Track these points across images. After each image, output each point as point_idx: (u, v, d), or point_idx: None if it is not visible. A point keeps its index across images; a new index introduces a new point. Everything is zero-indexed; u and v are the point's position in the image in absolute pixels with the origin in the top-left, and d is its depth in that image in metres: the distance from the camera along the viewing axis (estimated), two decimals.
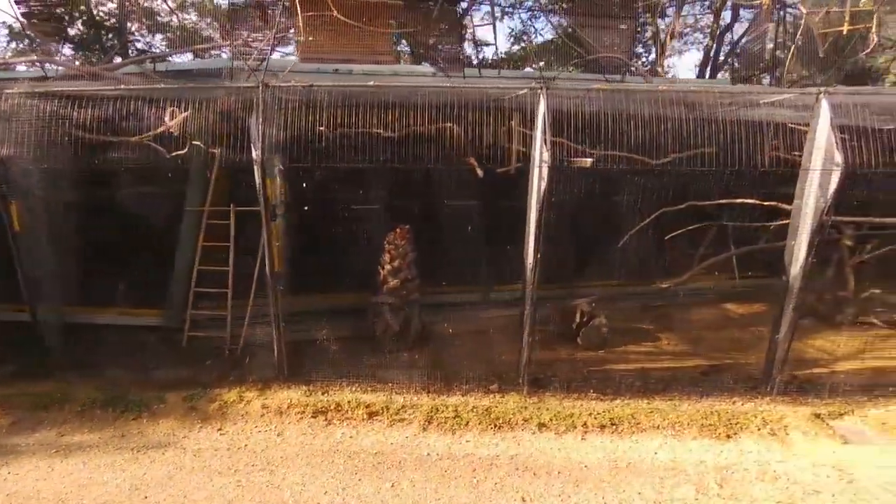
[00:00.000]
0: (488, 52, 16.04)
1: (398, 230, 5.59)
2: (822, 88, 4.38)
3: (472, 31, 15.66)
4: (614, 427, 4.71)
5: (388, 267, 5.54)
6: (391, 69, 7.84)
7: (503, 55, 16.21)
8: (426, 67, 7.22)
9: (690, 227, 5.24)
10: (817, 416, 4.91)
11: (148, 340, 5.70)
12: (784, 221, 4.62)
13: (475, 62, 15.63)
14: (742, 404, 5.03)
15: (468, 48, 15.93)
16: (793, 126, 4.79)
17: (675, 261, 6.27)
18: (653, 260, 6.11)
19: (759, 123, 4.73)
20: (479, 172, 5.42)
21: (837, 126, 4.30)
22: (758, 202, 4.85)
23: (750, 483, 4.03)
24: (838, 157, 4.21)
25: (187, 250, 5.70)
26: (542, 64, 12.37)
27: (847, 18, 6.31)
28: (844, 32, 6.32)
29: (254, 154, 4.32)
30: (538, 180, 4.41)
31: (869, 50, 6.50)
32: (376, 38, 6.18)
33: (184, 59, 8.91)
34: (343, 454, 4.33)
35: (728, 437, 4.60)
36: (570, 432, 4.65)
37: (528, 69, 14.28)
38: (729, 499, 3.87)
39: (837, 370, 5.51)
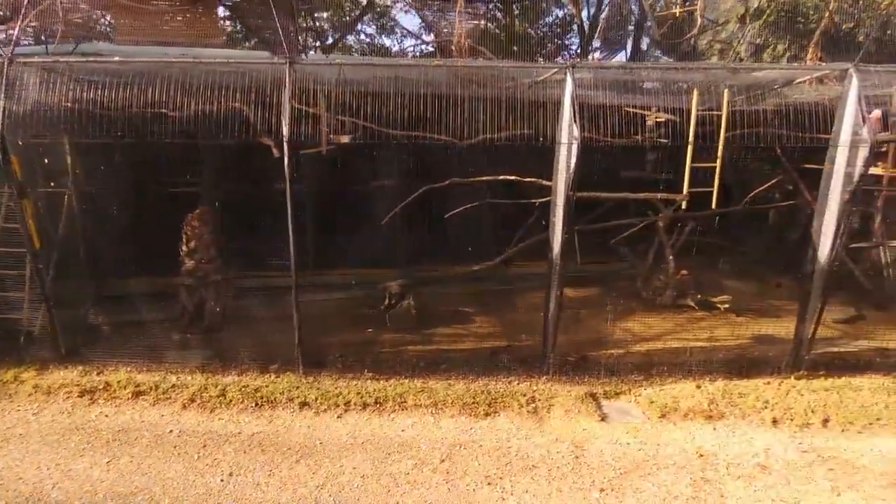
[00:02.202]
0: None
1: (196, 212, 5.54)
2: (569, 63, 4.35)
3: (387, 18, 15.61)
4: (378, 405, 4.69)
5: (184, 248, 5.50)
6: (244, 54, 7.81)
7: (431, 47, 16.18)
8: (264, 53, 7.17)
9: (466, 206, 5.20)
10: (592, 395, 4.89)
11: None
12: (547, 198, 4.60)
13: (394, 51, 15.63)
14: (518, 384, 5.01)
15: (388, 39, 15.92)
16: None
17: (501, 245, 6.22)
18: (475, 243, 6.06)
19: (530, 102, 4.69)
20: (276, 153, 5.37)
21: (579, 102, 4.28)
22: (518, 178, 4.81)
23: (473, 458, 4.01)
24: (576, 131, 4.19)
25: None
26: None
27: (679, 1, 6.32)
28: (678, 14, 6.32)
29: None
30: (286, 158, 4.38)
31: (695, 31, 6.50)
32: (199, 20, 6.12)
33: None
34: (84, 432, 4.29)
35: (487, 415, 4.58)
36: (331, 411, 4.62)
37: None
38: (442, 472, 3.85)
39: (632, 351, 5.48)
